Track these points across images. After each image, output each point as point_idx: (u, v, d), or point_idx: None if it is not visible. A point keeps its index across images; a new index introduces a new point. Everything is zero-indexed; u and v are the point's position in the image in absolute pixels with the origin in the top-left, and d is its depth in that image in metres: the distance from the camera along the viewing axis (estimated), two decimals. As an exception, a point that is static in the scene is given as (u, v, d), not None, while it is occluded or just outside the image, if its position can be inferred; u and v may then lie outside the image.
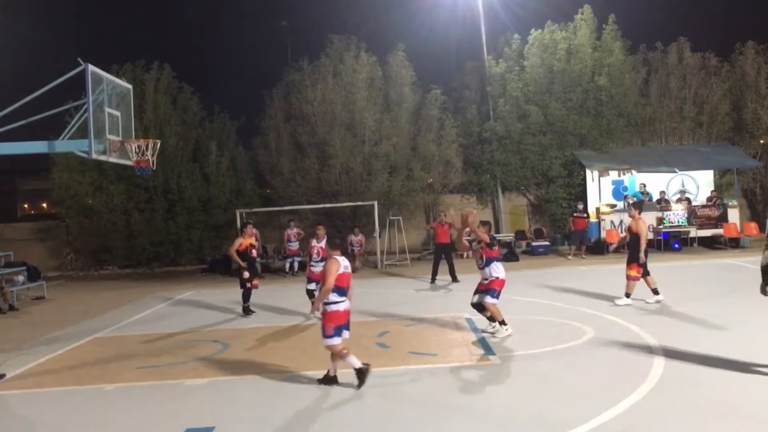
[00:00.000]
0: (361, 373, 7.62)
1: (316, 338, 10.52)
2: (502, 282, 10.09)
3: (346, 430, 6.39)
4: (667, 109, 24.75)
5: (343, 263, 7.76)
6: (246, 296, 13.09)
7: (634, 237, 12.17)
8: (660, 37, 25.58)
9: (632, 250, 12.17)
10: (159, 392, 8.01)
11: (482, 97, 25.52)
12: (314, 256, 12.44)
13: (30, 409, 7.70)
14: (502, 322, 10.10)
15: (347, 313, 7.80)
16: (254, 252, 13.41)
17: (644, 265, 12.16)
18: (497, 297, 10.07)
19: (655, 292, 12.22)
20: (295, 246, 20.71)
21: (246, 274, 12.88)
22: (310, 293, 12.48)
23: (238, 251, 12.84)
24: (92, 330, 12.57)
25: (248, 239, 13.10)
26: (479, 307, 10.25)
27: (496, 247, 10.30)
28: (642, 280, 12.19)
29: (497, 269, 10.11)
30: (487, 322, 10.40)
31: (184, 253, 23.68)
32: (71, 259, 24.93)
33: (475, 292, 10.32)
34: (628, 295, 12.18)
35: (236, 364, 8.34)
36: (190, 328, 12.06)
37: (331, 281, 7.54)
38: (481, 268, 10.22)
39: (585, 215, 21.43)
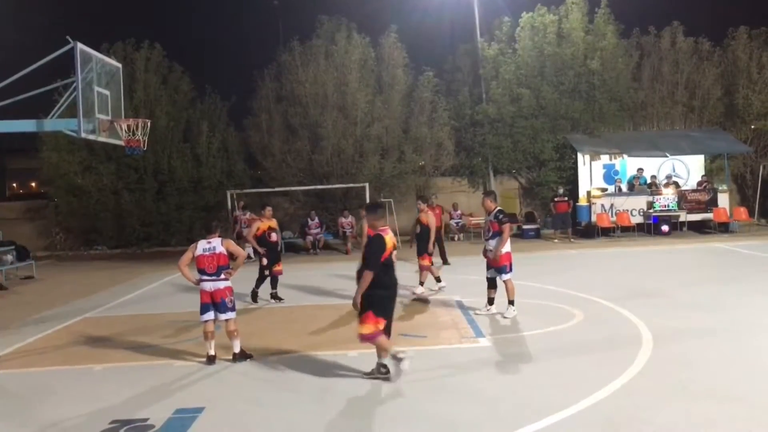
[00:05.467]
0: (209, 360, 8.20)
1: (305, 321, 10.57)
2: (509, 255, 10.12)
3: (334, 410, 6.41)
4: (659, 94, 24.77)
5: (202, 246, 8.25)
6: (259, 281, 12.36)
7: (424, 229, 12.55)
8: (653, 21, 25.55)
9: (421, 241, 12.56)
10: (149, 373, 8.01)
11: (475, 80, 25.45)
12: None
13: (18, 389, 7.68)
14: (511, 302, 10.14)
15: (211, 293, 8.17)
16: (274, 236, 12.32)
17: (431, 254, 12.60)
18: (510, 271, 10.12)
19: (438, 279, 12.62)
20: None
21: (264, 261, 12.11)
22: None
23: (255, 236, 12.13)
24: (82, 310, 12.55)
25: (267, 222, 12.33)
26: (492, 282, 10.31)
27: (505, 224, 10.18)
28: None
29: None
30: (486, 302, 10.43)
31: (175, 234, 23.61)
32: (60, 239, 24.81)
33: (488, 267, 10.31)
34: (422, 284, 12.52)
35: (226, 346, 8.33)
36: (181, 309, 12.02)
37: (180, 261, 8.27)
38: (487, 240, 10.27)
39: (565, 199, 21.45)
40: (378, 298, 7.05)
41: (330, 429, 5.98)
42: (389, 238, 7.21)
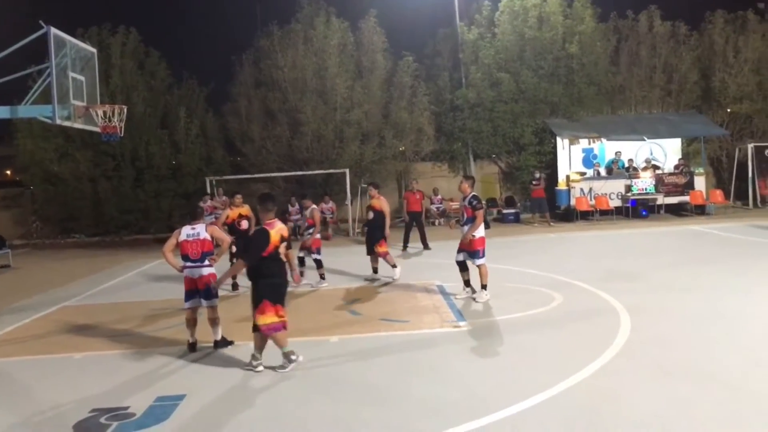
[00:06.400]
0: (190, 347, 8.21)
1: (287, 307, 10.55)
2: (482, 240, 10.12)
3: (316, 395, 6.43)
4: (637, 78, 24.92)
5: (186, 231, 8.21)
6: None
7: (378, 215, 12.37)
8: (630, 5, 25.68)
9: (376, 228, 12.35)
10: (129, 361, 7.97)
11: (454, 65, 25.41)
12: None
13: (-3, 379, 7.62)
14: (484, 286, 10.17)
15: (196, 280, 8.14)
16: (244, 223, 12.07)
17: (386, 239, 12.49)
18: (483, 256, 10.11)
19: (375, 271, 12.59)
20: (210, 220, 17.73)
21: (233, 249, 11.85)
22: (300, 260, 12.24)
23: (225, 224, 11.96)
24: (60, 299, 12.44)
25: (237, 209, 12.19)
26: (462, 265, 10.32)
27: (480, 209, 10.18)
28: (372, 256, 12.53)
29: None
30: (462, 286, 10.49)
31: (154, 222, 23.41)
32: (37, 227, 24.53)
33: (459, 250, 10.32)
34: (395, 266, 12.44)
35: (207, 333, 8.30)
36: (160, 297, 11.96)
37: (164, 247, 8.15)
38: (462, 225, 10.28)
39: (539, 184, 21.47)
40: (271, 287, 7.12)
41: (312, 413, 5.99)
42: (275, 232, 7.17)
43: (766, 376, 6.32)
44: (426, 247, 16.69)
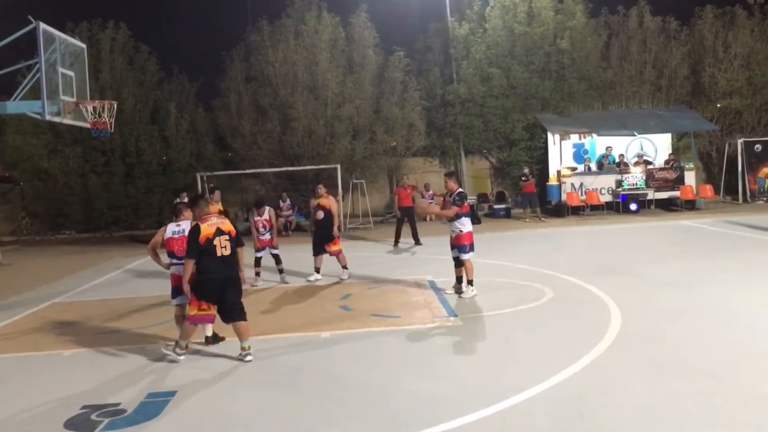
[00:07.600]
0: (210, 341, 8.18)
1: (277, 302, 10.56)
2: (469, 235, 10.15)
3: (307, 391, 6.42)
4: (628, 73, 25.01)
5: (171, 229, 8.24)
6: None
7: (328, 214, 12.17)
8: (621, 0, 25.80)
9: (327, 227, 12.15)
10: (120, 357, 7.94)
11: (445, 60, 25.43)
12: (260, 228, 12.27)
13: (-13, 376, 7.57)
14: (470, 282, 10.19)
15: (182, 276, 7.92)
16: None
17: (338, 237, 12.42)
18: (471, 250, 10.14)
19: (317, 271, 12.45)
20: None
21: None
22: (257, 260, 12.33)
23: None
24: (50, 295, 12.38)
25: (215, 207, 11.93)
26: (457, 261, 10.34)
27: (464, 203, 10.22)
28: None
29: (463, 223, 10.14)
30: (453, 282, 10.50)
31: (144, 218, 23.33)
32: (27, 224, 24.39)
33: (452, 247, 10.36)
34: (345, 267, 12.37)
35: (198, 329, 8.28)
36: (150, 294, 11.91)
37: (149, 245, 8.40)
38: (450, 221, 10.28)
39: (528, 179, 21.48)
40: (197, 282, 7.36)
41: (303, 409, 5.99)
42: (206, 225, 7.31)
43: (754, 369, 6.36)
44: (417, 242, 16.69)
